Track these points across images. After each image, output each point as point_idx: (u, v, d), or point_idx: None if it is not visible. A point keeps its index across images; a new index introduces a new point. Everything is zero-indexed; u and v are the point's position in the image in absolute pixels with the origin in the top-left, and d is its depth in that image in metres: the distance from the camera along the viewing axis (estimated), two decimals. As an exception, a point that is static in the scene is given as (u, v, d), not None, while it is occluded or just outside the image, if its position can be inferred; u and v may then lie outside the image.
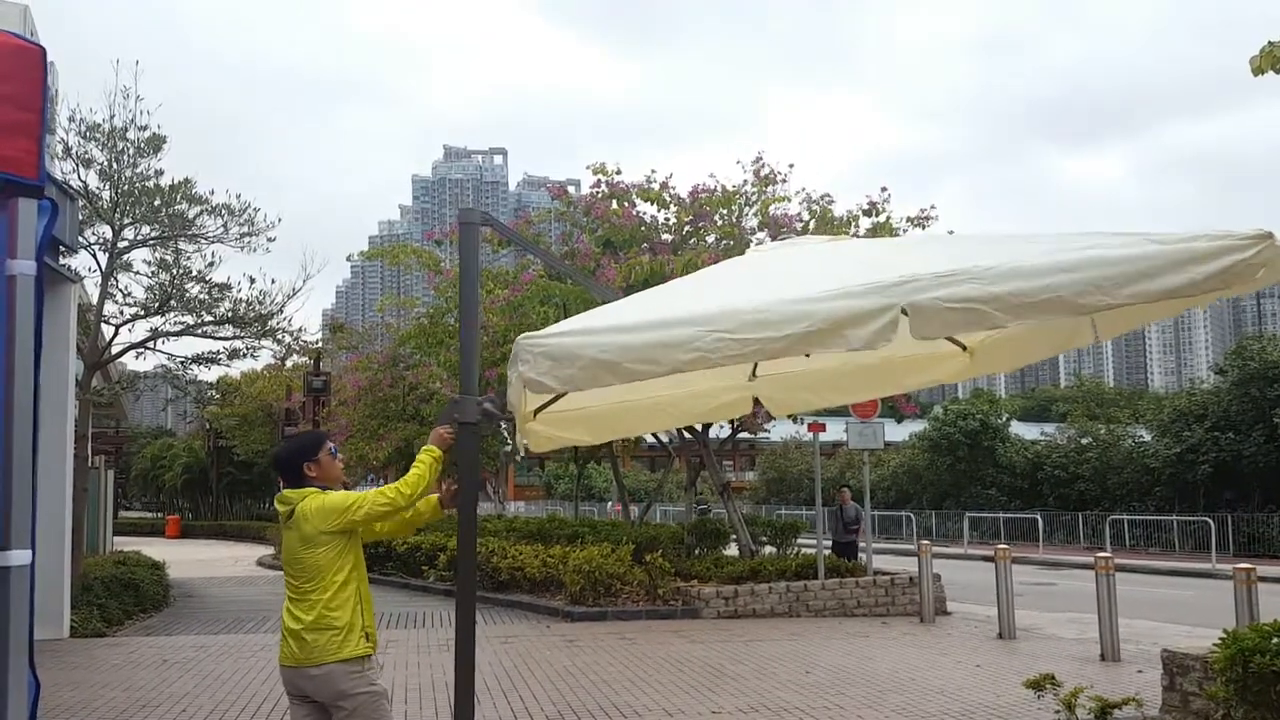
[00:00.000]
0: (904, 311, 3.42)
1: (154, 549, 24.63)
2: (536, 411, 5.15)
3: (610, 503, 44.44)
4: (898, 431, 37.69)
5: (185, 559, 27.28)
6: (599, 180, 17.25)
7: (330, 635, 4.12)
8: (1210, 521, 24.66)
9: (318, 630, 4.12)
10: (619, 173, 17.30)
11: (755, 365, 5.68)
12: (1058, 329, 4.86)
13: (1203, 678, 6.59)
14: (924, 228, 17.14)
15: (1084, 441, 36.03)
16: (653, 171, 17.15)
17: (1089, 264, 3.51)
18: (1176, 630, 12.90)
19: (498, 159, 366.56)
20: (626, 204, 16.94)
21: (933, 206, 17.09)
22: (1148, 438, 33.97)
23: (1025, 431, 41.41)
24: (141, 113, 15.18)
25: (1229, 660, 5.58)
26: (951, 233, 18.16)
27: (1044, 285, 3.46)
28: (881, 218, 16.99)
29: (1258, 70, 5.47)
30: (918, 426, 40.53)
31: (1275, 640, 5.46)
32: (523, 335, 3.58)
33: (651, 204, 16.95)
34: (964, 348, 5.51)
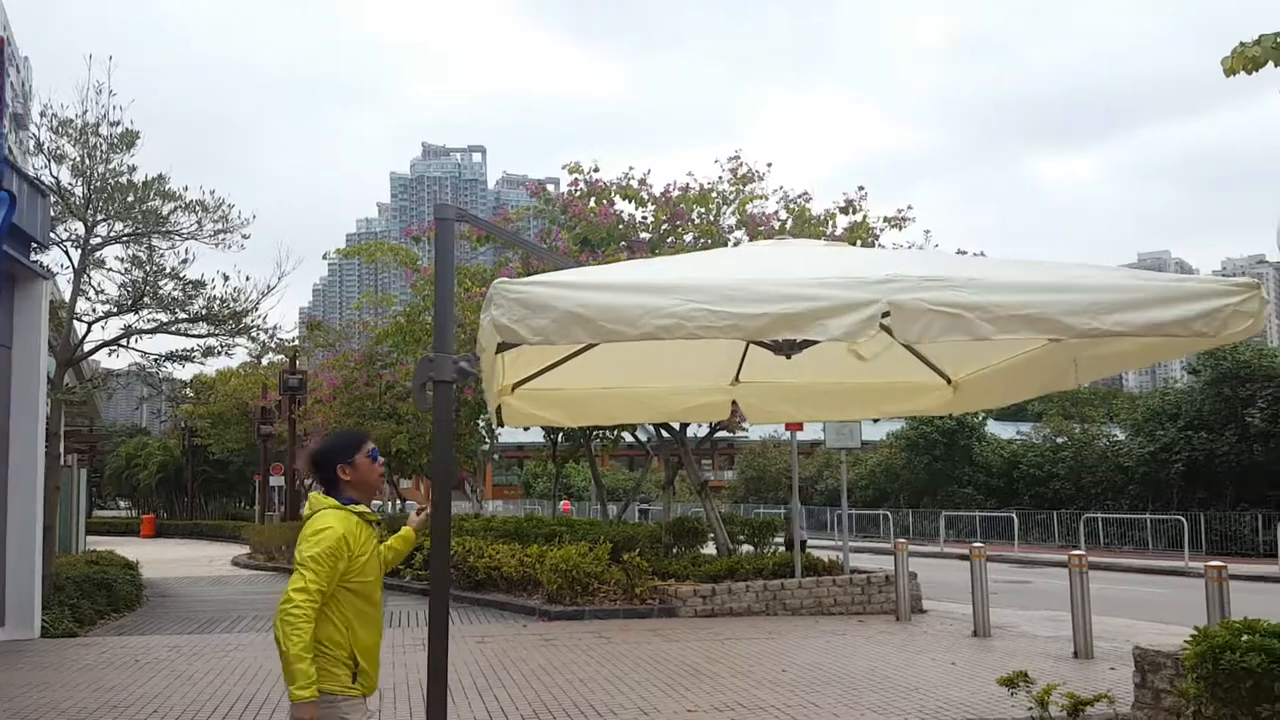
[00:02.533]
0: (886, 314, 3.41)
1: (128, 548, 24.43)
2: (515, 386, 5.13)
3: (561, 501, 44.45)
4: (875, 430, 37.88)
5: (159, 559, 27.08)
6: (576, 179, 17.23)
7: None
8: (1183, 520, 24.88)
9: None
10: (597, 170, 17.28)
11: (739, 369, 5.68)
12: (1041, 369, 4.87)
13: (1174, 675, 6.64)
14: (901, 228, 17.23)
15: (1059, 441, 36.27)
16: (630, 169, 17.13)
17: (1078, 288, 3.51)
18: (1149, 628, 13.00)
19: (476, 157, 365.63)
20: (605, 202, 16.92)
21: (909, 207, 17.17)
22: (1122, 437, 34.22)
23: (1001, 431, 41.64)
24: (114, 108, 15.05)
25: (1199, 657, 5.62)
26: (928, 232, 18.30)
27: (1030, 300, 3.45)
28: (858, 216, 17.05)
29: (1230, 71, 5.51)
30: (895, 425, 40.71)
31: (1245, 638, 5.51)
32: (499, 280, 3.51)
33: (630, 202, 16.94)
34: (948, 380, 5.54)
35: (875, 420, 23.04)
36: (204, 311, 16.19)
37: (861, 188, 17.13)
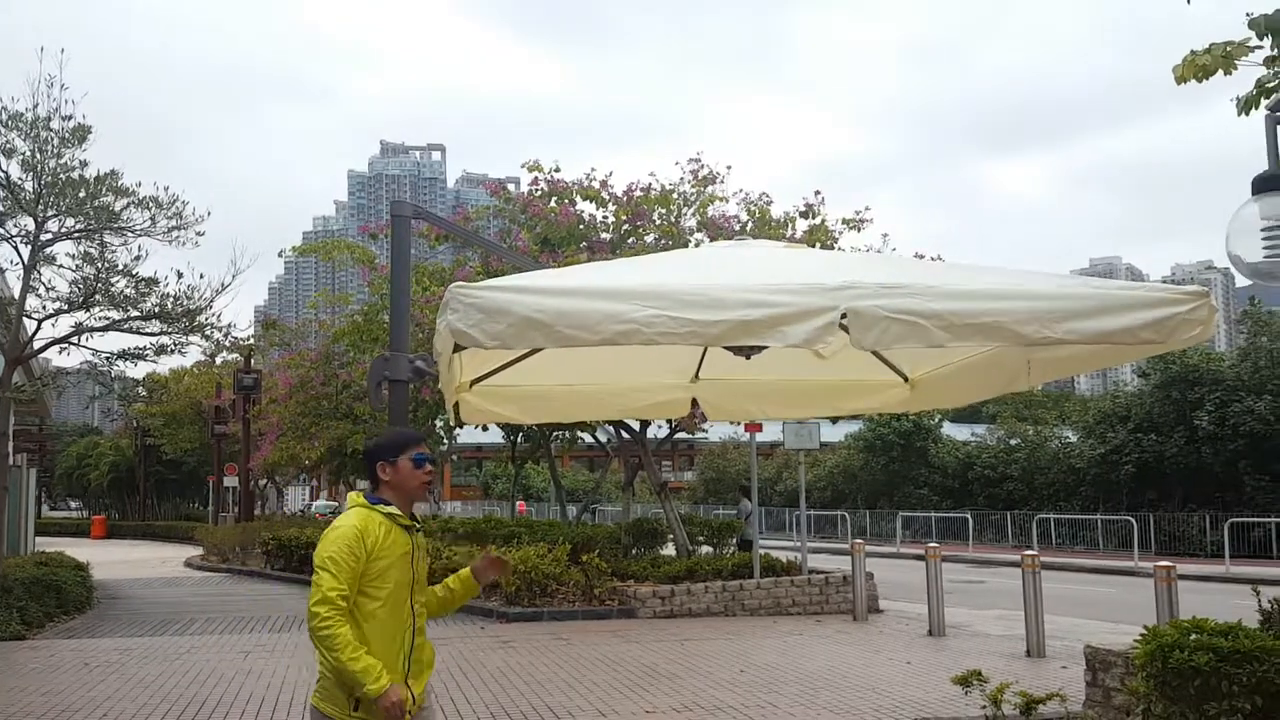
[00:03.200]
0: (844, 318, 3.44)
1: (78, 550, 23.98)
2: (473, 383, 5.11)
3: (516, 503, 44.39)
4: (833, 432, 38.12)
5: (111, 560, 26.64)
6: (536, 178, 17.18)
7: (319, 675, 3.54)
8: (1133, 520, 25.28)
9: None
10: (557, 170, 17.25)
11: (698, 367, 5.70)
12: (997, 370, 4.94)
13: (1124, 673, 6.74)
14: (859, 230, 17.39)
15: (1013, 442, 36.72)
16: (592, 170, 17.12)
17: (1032, 295, 3.56)
18: (1100, 627, 13.20)
19: (436, 155, 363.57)
20: (565, 202, 16.89)
21: (867, 208, 17.37)
22: (1073, 439, 34.71)
23: (956, 432, 42.09)
24: (66, 102, 14.77)
25: (1149, 656, 5.70)
26: (885, 235, 18.49)
27: (985, 309, 3.49)
28: (817, 219, 17.18)
29: (1180, 79, 5.59)
30: (853, 427, 40.99)
31: (1194, 637, 5.60)
32: (455, 284, 3.48)
33: (590, 202, 16.92)
34: (906, 379, 5.59)
35: (834, 421, 23.23)
36: (157, 309, 15.93)
37: (818, 192, 17.28)
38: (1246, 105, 5.51)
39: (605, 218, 17.13)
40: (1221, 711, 5.39)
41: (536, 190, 17.15)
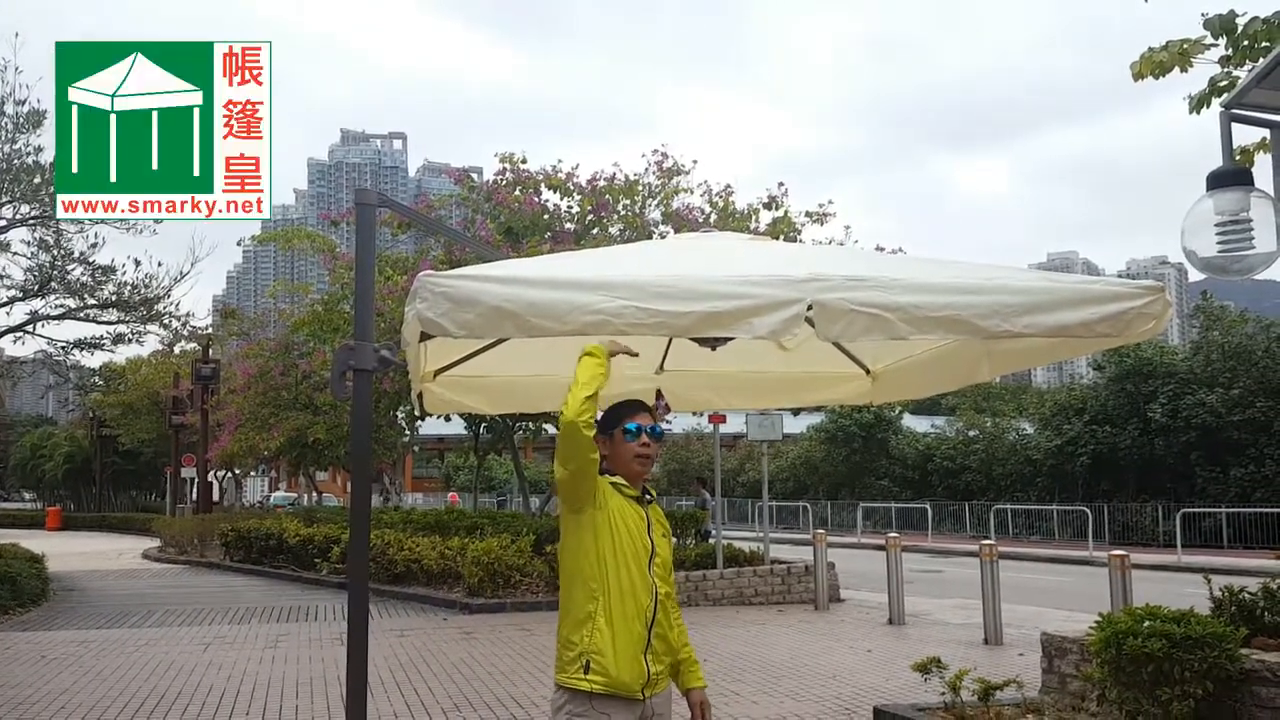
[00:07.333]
0: (810, 310, 3.47)
1: (33, 541, 23.63)
2: (437, 372, 5.10)
3: (450, 494, 44.16)
4: (796, 424, 38.42)
5: (66, 551, 26.29)
6: (504, 168, 17.11)
7: (559, 646, 3.39)
8: (1088, 511, 25.69)
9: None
10: (525, 162, 17.19)
11: (663, 358, 5.72)
12: (956, 362, 5.01)
13: (1079, 660, 6.87)
14: (822, 223, 17.46)
15: (971, 434, 37.15)
16: (559, 161, 17.08)
17: (992, 290, 3.62)
18: (1056, 614, 13.40)
19: (397, 144, 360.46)
20: (530, 191, 16.84)
21: (830, 201, 17.43)
22: (1030, 431, 35.19)
23: (916, 424, 42.50)
24: (20, 86, 14.56)
25: (1104, 643, 5.82)
26: (848, 228, 18.62)
27: (947, 303, 3.55)
28: (780, 211, 17.24)
29: (1138, 75, 5.69)
30: (815, 419, 41.29)
31: (1147, 624, 5.72)
32: (424, 273, 3.48)
33: (556, 192, 16.88)
34: (867, 371, 5.65)
35: (796, 413, 23.33)
36: (114, 298, 15.77)
37: (782, 183, 17.34)
38: (1198, 104, 5.62)
39: (570, 207, 17.09)
40: (1174, 696, 5.51)
41: (503, 180, 17.09)
